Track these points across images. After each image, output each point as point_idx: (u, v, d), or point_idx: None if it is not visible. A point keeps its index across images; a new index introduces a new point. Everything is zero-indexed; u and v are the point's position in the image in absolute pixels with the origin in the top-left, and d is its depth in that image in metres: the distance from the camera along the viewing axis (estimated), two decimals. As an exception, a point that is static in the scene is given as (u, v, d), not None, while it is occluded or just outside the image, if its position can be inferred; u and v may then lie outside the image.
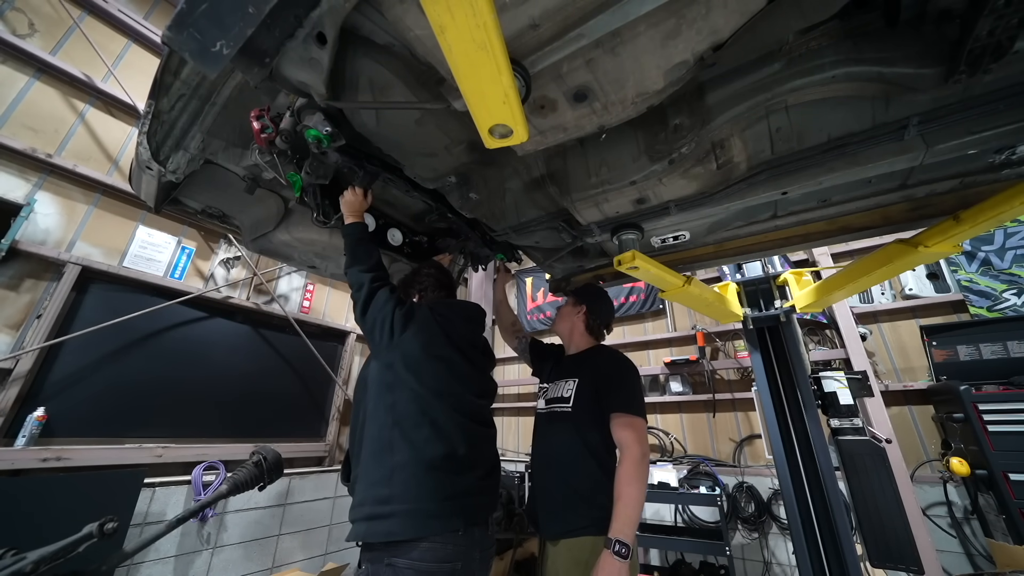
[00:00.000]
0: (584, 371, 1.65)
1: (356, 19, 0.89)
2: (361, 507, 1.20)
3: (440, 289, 1.68)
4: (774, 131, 1.19)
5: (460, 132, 1.21)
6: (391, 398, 1.28)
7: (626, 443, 1.44)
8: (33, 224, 2.55)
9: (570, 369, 1.73)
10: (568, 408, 1.59)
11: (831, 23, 0.98)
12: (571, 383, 1.64)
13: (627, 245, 1.54)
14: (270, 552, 3.22)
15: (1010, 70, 0.92)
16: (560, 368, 1.81)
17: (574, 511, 1.44)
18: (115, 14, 3.08)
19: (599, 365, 1.65)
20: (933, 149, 1.09)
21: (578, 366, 1.71)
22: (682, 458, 3.76)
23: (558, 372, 1.78)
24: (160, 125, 1.23)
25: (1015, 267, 3.01)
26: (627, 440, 1.44)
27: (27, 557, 0.70)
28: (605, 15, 0.77)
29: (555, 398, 1.67)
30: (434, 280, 1.68)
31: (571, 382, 1.65)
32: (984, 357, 2.71)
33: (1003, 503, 2.32)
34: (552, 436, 1.62)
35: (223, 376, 3.29)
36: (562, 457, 1.55)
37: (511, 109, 0.75)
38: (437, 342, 1.40)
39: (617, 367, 1.64)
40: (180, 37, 0.73)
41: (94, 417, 2.61)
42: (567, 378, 1.68)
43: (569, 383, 1.65)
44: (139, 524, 2.54)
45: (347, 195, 1.47)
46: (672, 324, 4.31)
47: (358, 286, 1.40)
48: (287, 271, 3.95)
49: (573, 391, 1.61)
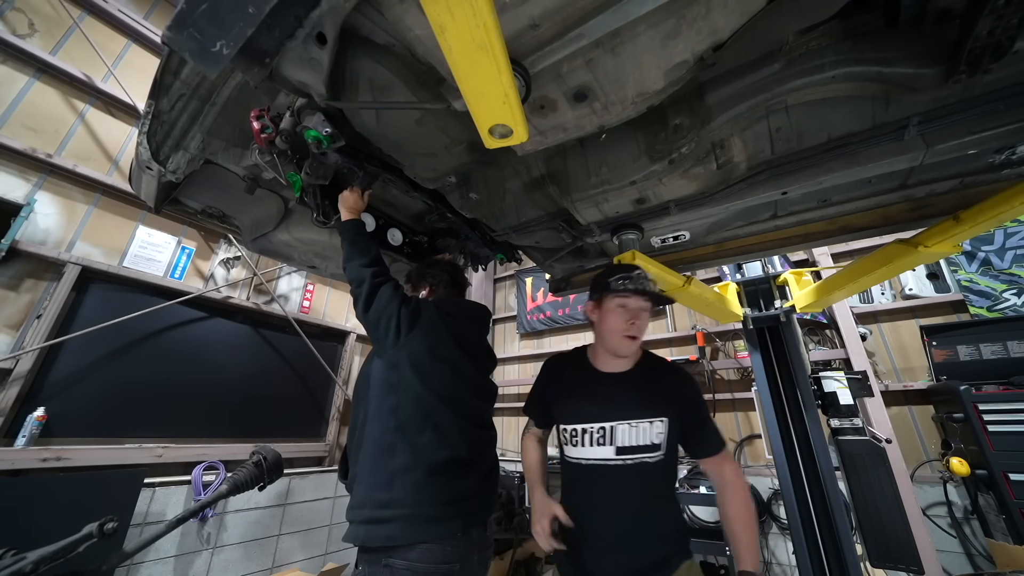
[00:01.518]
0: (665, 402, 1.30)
1: (356, 19, 0.88)
2: (360, 509, 1.19)
3: (452, 288, 1.65)
4: (774, 131, 1.19)
5: (460, 132, 1.21)
6: (394, 400, 1.27)
7: (732, 475, 1.30)
8: (33, 224, 2.55)
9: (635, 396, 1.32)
10: (660, 456, 1.27)
11: (831, 23, 0.98)
12: (658, 424, 1.27)
13: (627, 245, 1.54)
14: (270, 552, 3.22)
15: (1010, 70, 0.92)
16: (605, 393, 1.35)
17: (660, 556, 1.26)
18: (115, 14, 3.08)
19: (686, 393, 1.35)
20: (933, 149, 1.09)
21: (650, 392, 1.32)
22: (682, 458, 3.76)
23: (607, 401, 1.33)
24: (160, 125, 1.23)
25: (1015, 267, 3.01)
26: (733, 472, 1.30)
27: (27, 557, 0.70)
28: (605, 15, 0.77)
29: (634, 447, 1.26)
30: (448, 277, 1.65)
31: (657, 423, 1.27)
32: (984, 357, 2.71)
33: (1003, 503, 2.32)
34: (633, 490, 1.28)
35: (223, 376, 3.29)
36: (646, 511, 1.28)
37: (511, 109, 0.75)
38: (444, 344, 1.38)
39: (700, 392, 1.39)
40: (180, 37, 0.73)
41: (94, 417, 2.61)
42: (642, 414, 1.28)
43: (655, 424, 1.27)
44: (139, 524, 2.54)
45: (345, 194, 1.46)
46: (672, 324, 4.31)
47: (358, 281, 1.35)
48: (287, 271, 3.95)
49: (665, 434, 1.28)
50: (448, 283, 1.65)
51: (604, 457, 1.29)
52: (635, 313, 1.28)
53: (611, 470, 1.28)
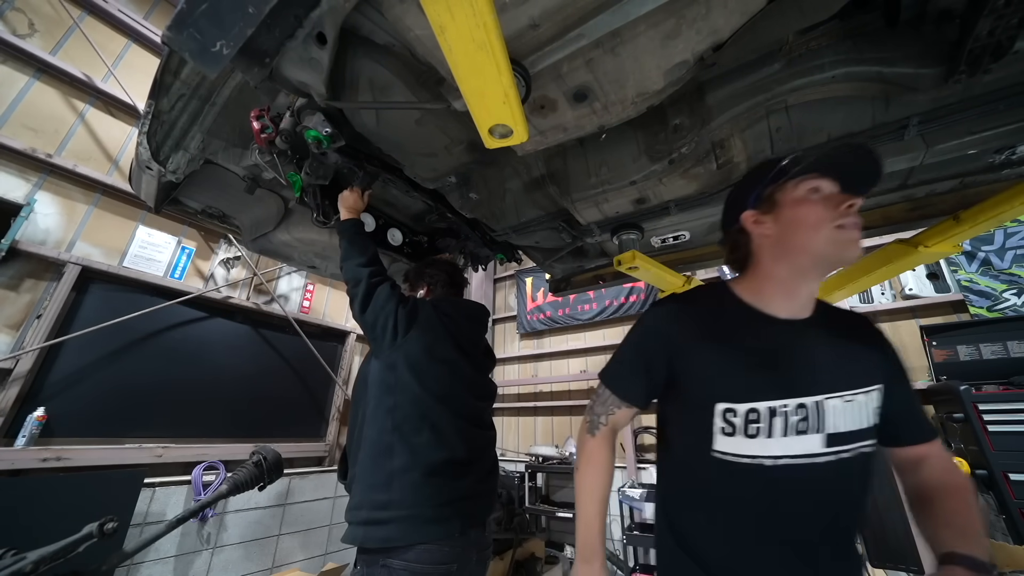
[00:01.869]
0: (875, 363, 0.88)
1: (356, 19, 0.88)
2: (358, 510, 1.19)
3: (450, 287, 1.65)
4: (774, 131, 1.19)
5: (460, 132, 1.21)
6: (392, 401, 1.27)
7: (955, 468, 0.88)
8: (33, 224, 2.55)
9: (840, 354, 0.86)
10: (874, 444, 0.83)
11: (831, 23, 0.98)
12: (875, 395, 0.84)
13: (627, 245, 1.54)
14: (270, 552, 3.22)
15: (1010, 70, 0.92)
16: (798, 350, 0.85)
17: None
18: (115, 14, 3.08)
19: (892, 353, 0.92)
20: (933, 149, 1.09)
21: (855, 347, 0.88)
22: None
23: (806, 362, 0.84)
24: (160, 125, 1.23)
25: (1015, 267, 3.01)
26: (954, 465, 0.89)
27: (27, 557, 0.70)
28: (605, 15, 0.77)
29: (845, 433, 0.79)
30: (446, 277, 1.65)
31: (875, 393, 0.84)
32: (984, 357, 2.71)
33: (1003, 503, 2.32)
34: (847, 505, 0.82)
35: (223, 376, 3.29)
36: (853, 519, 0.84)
37: (511, 109, 0.75)
38: (441, 344, 1.37)
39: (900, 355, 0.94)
40: (180, 37, 0.73)
41: (94, 417, 2.61)
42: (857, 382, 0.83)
43: (872, 395, 0.83)
44: (139, 524, 2.54)
45: (345, 194, 1.46)
46: (672, 324, 4.31)
47: (355, 281, 1.35)
48: (287, 271, 3.95)
49: (875, 409, 0.84)
50: (446, 283, 1.64)
51: (807, 452, 0.78)
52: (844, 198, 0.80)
53: (817, 471, 0.78)
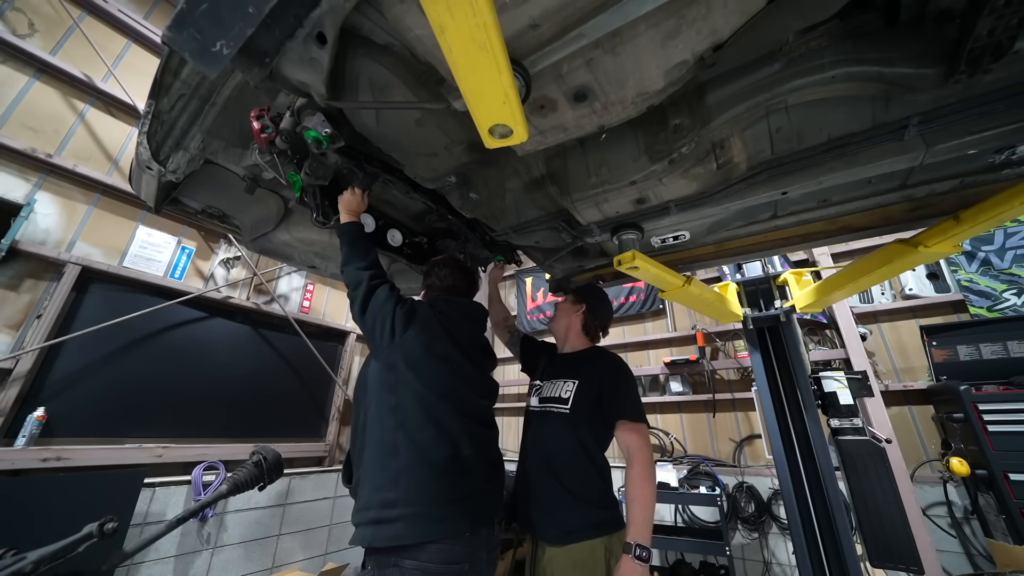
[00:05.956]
0: (585, 373, 1.63)
1: (356, 19, 0.88)
2: (366, 511, 1.19)
3: (452, 287, 1.66)
4: (774, 131, 1.18)
5: (460, 132, 1.20)
6: (394, 399, 1.27)
7: (635, 448, 1.45)
8: (33, 224, 2.55)
9: (567, 369, 1.71)
10: (566, 409, 1.57)
11: (831, 23, 0.98)
12: (570, 384, 1.62)
13: (627, 245, 1.54)
14: (270, 552, 3.22)
15: (1010, 70, 0.92)
16: (554, 366, 1.78)
17: (570, 512, 1.44)
18: (115, 14, 3.08)
19: (603, 369, 1.64)
20: (933, 149, 1.09)
21: (575, 367, 1.69)
22: (682, 458, 3.76)
23: (552, 371, 1.77)
24: (160, 125, 1.23)
25: (1015, 267, 3.01)
26: (636, 445, 1.45)
27: (27, 557, 0.70)
28: (605, 15, 0.77)
29: (551, 397, 1.65)
30: (449, 277, 1.67)
31: (570, 383, 1.63)
32: (984, 357, 2.71)
33: (1003, 503, 2.32)
34: (546, 435, 1.60)
35: (223, 376, 3.29)
36: (556, 456, 1.53)
37: (511, 109, 0.75)
38: (439, 342, 1.38)
39: (623, 373, 1.64)
40: (180, 37, 0.73)
41: (94, 417, 2.62)
42: (564, 378, 1.66)
43: (568, 384, 1.63)
44: (139, 524, 2.54)
45: (345, 195, 1.46)
46: (672, 324, 4.31)
47: (355, 284, 1.37)
48: (287, 271, 3.95)
49: (572, 392, 1.59)
50: (449, 283, 1.65)
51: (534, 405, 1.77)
52: None
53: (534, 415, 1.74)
